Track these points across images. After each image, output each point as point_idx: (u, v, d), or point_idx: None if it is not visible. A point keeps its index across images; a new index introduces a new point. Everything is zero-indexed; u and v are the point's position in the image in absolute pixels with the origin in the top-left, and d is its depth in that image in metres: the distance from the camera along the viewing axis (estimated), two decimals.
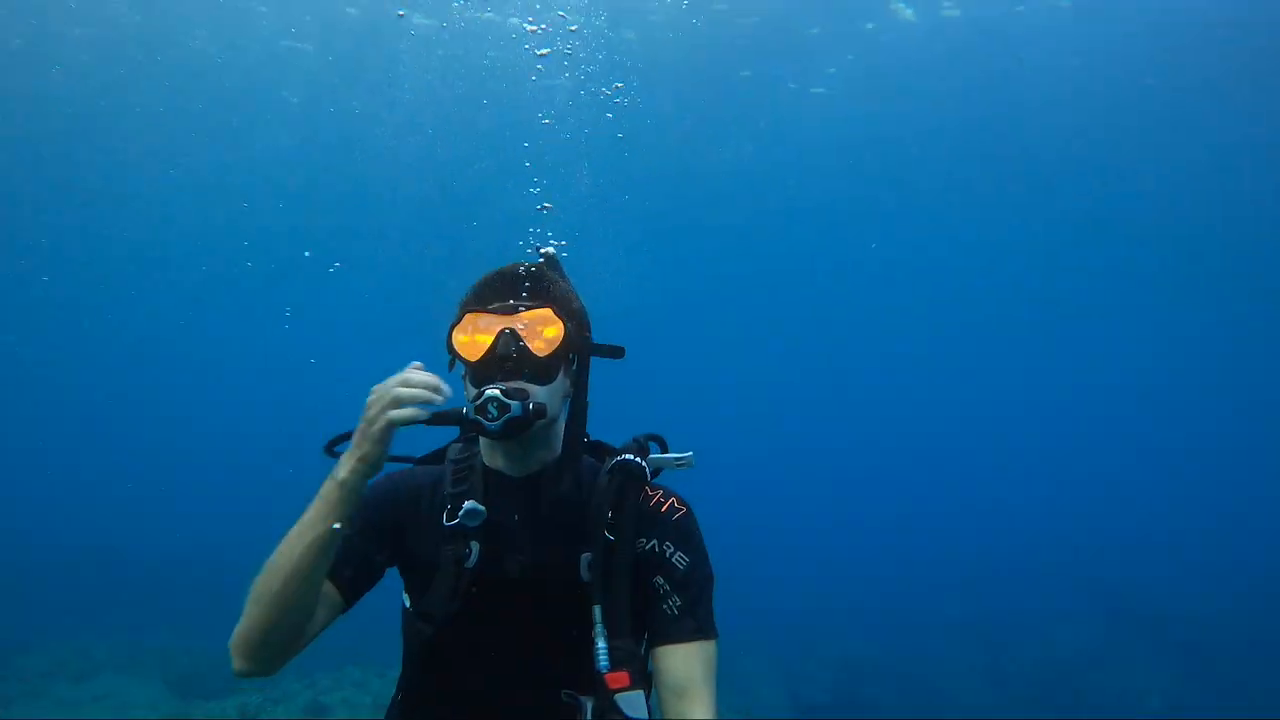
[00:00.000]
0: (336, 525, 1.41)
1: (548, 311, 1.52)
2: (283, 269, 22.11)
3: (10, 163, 16.74)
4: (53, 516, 19.17)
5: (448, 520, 1.56)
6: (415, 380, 1.40)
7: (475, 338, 1.51)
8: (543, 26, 7.74)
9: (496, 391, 1.42)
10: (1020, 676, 12.48)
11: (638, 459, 1.58)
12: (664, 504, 1.61)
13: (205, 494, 22.26)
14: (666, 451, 1.68)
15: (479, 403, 1.43)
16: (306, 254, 22.05)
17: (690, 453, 1.64)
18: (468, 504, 1.53)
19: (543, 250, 1.65)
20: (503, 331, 1.48)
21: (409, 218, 19.88)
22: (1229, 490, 24.80)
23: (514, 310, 1.52)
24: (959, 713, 11.18)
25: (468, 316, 1.53)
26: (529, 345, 1.49)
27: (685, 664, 1.47)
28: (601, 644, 1.48)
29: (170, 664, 9.79)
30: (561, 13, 6.57)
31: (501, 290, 1.55)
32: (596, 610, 1.50)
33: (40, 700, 8.67)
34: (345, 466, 1.40)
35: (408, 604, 1.66)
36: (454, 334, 1.53)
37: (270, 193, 18.70)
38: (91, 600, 12.17)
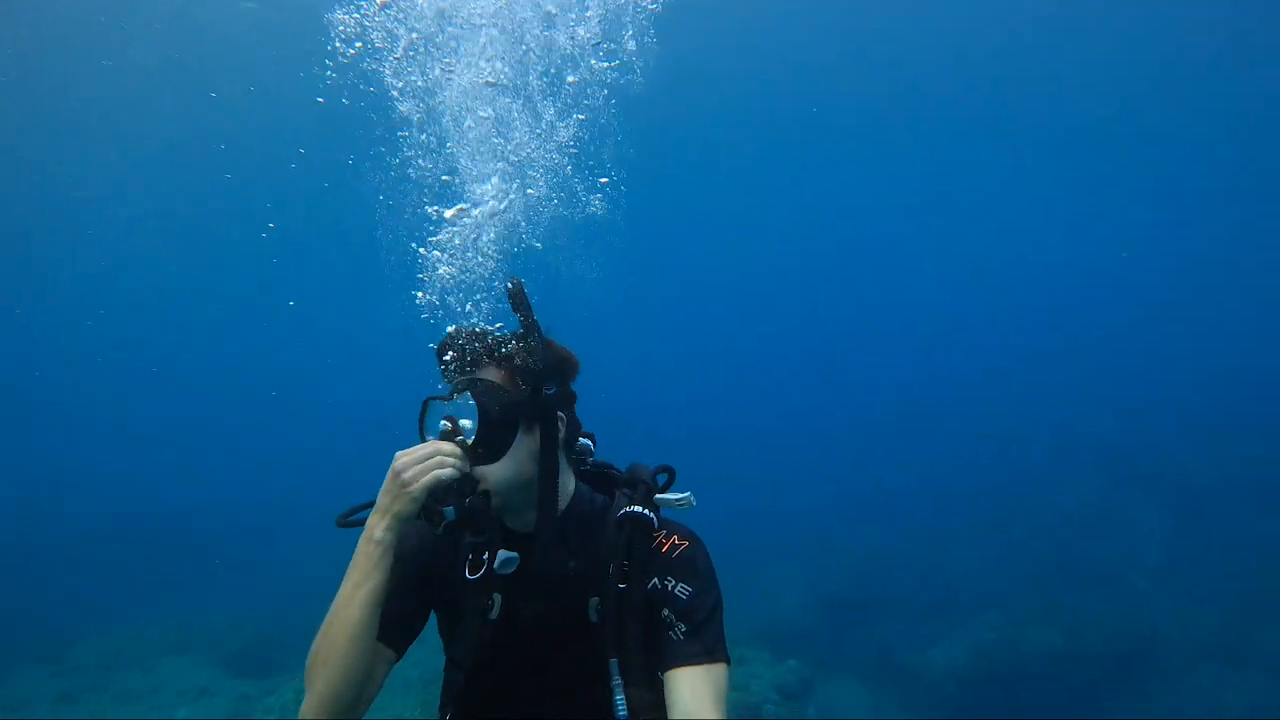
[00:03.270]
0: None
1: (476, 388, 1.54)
2: None
3: None
4: (81, 495, 19.38)
5: (471, 573, 1.60)
6: (448, 449, 1.49)
7: (427, 433, 1.55)
8: None
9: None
10: (1029, 548, 12.99)
11: (646, 511, 1.61)
12: (665, 544, 1.62)
13: (231, 465, 22.41)
14: (673, 481, 1.74)
15: (423, 509, 1.49)
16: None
17: (689, 493, 1.69)
18: (503, 553, 1.56)
19: (510, 281, 1.59)
20: (443, 424, 1.52)
21: None
22: (1220, 342, 25.08)
23: (457, 390, 1.54)
24: (973, 589, 11.71)
25: (425, 404, 1.57)
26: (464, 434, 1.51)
27: (692, 688, 1.47)
28: (619, 696, 1.51)
29: (220, 642, 10.16)
30: None
31: (446, 368, 1.59)
32: (613, 663, 1.54)
33: (102, 694, 9.04)
34: (379, 526, 1.47)
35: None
36: (420, 424, 1.58)
37: None
38: (132, 580, 12.49)
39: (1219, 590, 10.94)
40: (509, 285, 1.59)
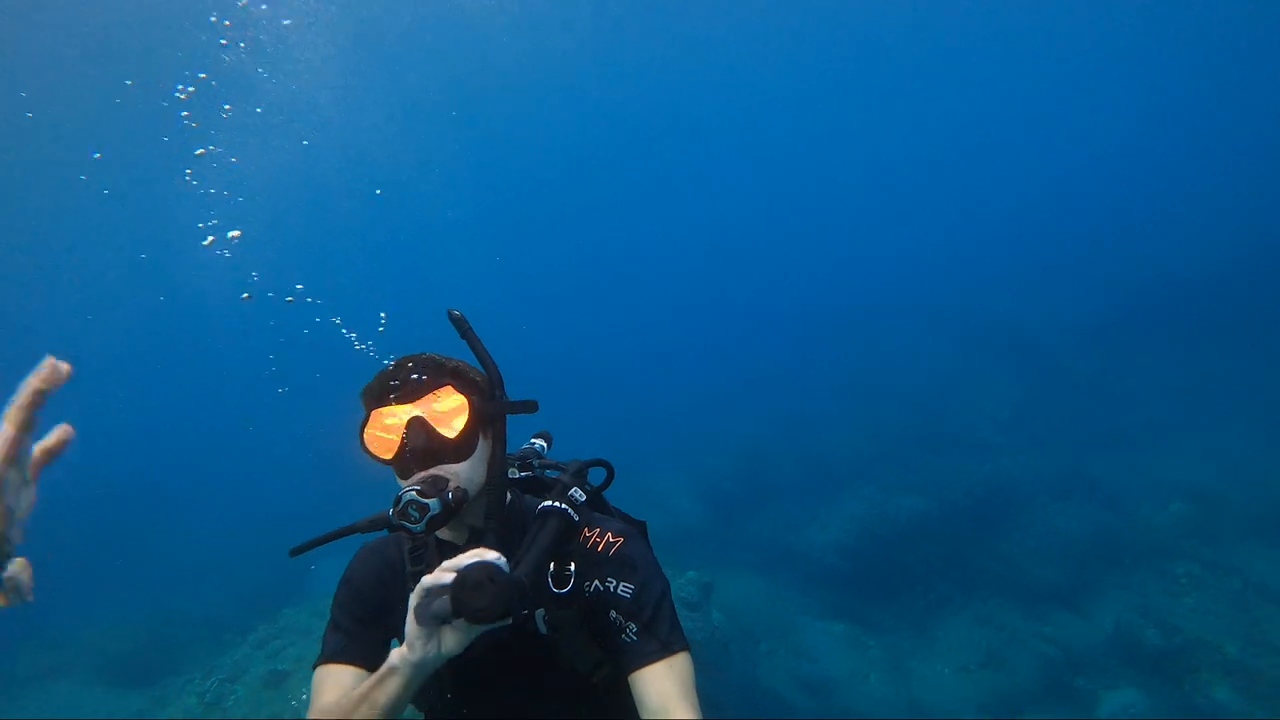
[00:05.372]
0: None
1: (449, 389, 1.52)
2: None
3: None
4: None
5: None
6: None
7: (384, 435, 1.51)
8: None
9: (413, 493, 1.42)
10: (893, 420, 13.95)
11: (568, 509, 1.60)
12: (599, 543, 1.62)
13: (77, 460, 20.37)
14: (612, 477, 1.80)
15: (399, 508, 1.42)
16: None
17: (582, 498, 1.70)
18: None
19: (450, 313, 1.60)
20: (410, 422, 1.48)
21: None
22: (1044, 203, 26.98)
23: (416, 397, 1.51)
24: (845, 466, 12.48)
25: (373, 414, 1.52)
26: (438, 429, 1.49)
27: (657, 686, 1.49)
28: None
29: (101, 652, 9.48)
30: None
31: (400, 381, 1.54)
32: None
33: None
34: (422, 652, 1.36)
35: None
36: (364, 435, 1.52)
37: None
38: None
39: (1058, 433, 12.21)
40: (451, 314, 1.58)
